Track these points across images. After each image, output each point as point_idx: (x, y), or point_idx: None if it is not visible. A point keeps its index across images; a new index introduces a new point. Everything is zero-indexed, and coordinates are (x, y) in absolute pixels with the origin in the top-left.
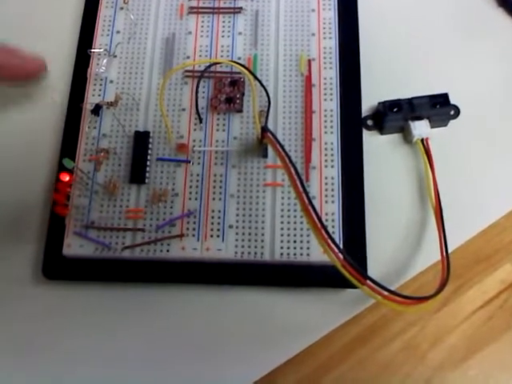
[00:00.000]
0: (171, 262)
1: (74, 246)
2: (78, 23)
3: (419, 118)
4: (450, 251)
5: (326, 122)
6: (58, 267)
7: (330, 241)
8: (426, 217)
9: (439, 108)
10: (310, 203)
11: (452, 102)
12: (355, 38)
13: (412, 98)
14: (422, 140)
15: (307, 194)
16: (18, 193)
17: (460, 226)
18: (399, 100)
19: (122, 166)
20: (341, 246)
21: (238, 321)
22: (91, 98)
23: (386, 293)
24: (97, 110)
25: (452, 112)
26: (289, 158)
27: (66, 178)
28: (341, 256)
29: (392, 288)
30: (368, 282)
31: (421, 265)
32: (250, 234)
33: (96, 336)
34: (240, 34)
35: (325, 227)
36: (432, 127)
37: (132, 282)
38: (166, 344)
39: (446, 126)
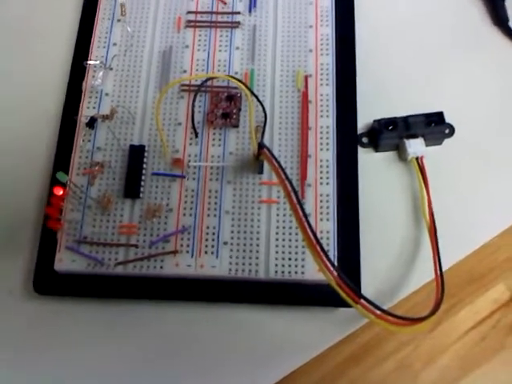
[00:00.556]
0: (165, 279)
1: (66, 261)
2: (74, 35)
3: (414, 137)
4: (443, 270)
5: (321, 138)
6: (49, 282)
7: (325, 258)
8: (420, 235)
9: (434, 126)
10: (306, 219)
11: (447, 120)
12: (352, 55)
13: (407, 117)
14: (417, 158)
15: (303, 209)
16: (10, 206)
17: (453, 244)
18: (394, 118)
19: (116, 180)
20: (335, 264)
21: (231, 339)
22: (86, 110)
23: (379, 312)
24: (92, 122)
25: (447, 131)
26: (285, 174)
27: (59, 191)
28: (335, 274)
29: (386, 307)
30: (362, 300)
31: (414, 283)
32: (244, 251)
33: (87, 353)
34: (237, 48)
35: (320, 244)
36: (427, 145)
37: (125, 299)
38: (158, 361)
39: (440, 144)
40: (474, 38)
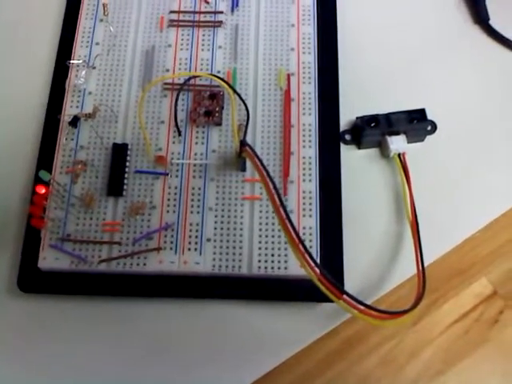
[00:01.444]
0: (148, 276)
1: (49, 259)
2: (58, 34)
3: (396, 133)
4: (426, 265)
5: (304, 136)
6: (33, 280)
7: (307, 255)
8: (403, 231)
9: (416, 123)
10: (288, 217)
11: (429, 117)
12: (334, 53)
13: (389, 114)
14: (399, 155)
15: (285, 208)
16: None
17: (436, 240)
18: (377, 115)
19: (99, 179)
20: (318, 261)
21: (214, 335)
22: (69, 109)
23: (362, 307)
24: (74, 121)
25: (429, 127)
26: (267, 172)
27: (42, 190)
28: (317, 270)
29: (368, 302)
30: (344, 296)
31: (397, 279)
32: (227, 247)
33: (71, 350)
34: (220, 47)
35: (302, 242)
36: (409, 142)
37: (108, 296)
38: (142, 358)
39: (422, 141)
40: (456, 36)
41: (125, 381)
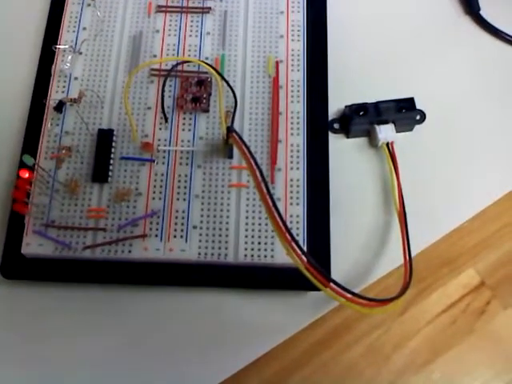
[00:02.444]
0: (133, 263)
1: (33, 245)
2: (44, 19)
3: (385, 122)
4: (414, 255)
5: (292, 124)
6: (16, 266)
7: (293, 243)
8: (390, 220)
9: (405, 112)
10: (274, 205)
11: (418, 107)
12: (323, 41)
13: (378, 102)
14: (388, 144)
15: (271, 196)
16: None
17: (424, 229)
18: (365, 104)
19: (84, 165)
20: (305, 249)
21: (200, 323)
22: (55, 94)
23: (349, 295)
24: (60, 106)
25: (418, 117)
26: (254, 159)
27: (25, 174)
28: (304, 258)
29: (356, 291)
30: (331, 284)
31: (384, 268)
32: (214, 235)
33: (54, 337)
34: (208, 34)
35: (289, 230)
36: (397, 131)
37: (93, 283)
38: (126, 346)
39: (411, 130)
40: (447, 27)
41: (108, 369)
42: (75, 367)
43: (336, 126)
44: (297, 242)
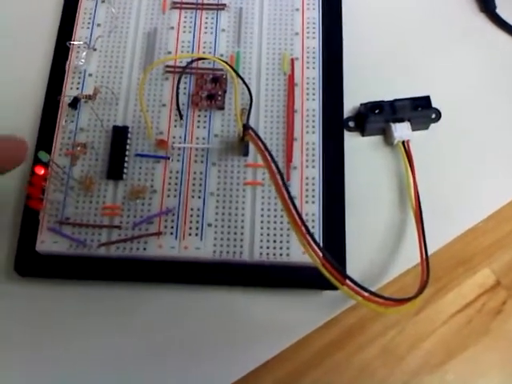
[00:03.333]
0: (148, 261)
1: (47, 242)
2: (59, 15)
3: (401, 121)
4: (429, 254)
5: (307, 121)
6: (30, 264)
7: (309, 238)
8: (406, 219)
9: (421, 111)
10: (291, 200)
11: (434, 105)
12: (339, 39)
13: (394, 100)
14: (403, 142)
15: (288, 191)
16: None
17: (440, 228)
18: (381, 102)
19: (99, 161)
20: (321, 246)
21: (214, 322)
22: (69, 90)
23: (366, 294)
24: (74, 103)
25: (433, 115)
26: (270, 155)
27: (41, 171)
28: (320, 254)
29: (371, 290)
30: (348, 282)
31: (400, 267)
32: (229, 233)
33: (68, 334)
34: (223, 30)
35: (305, 224)
36: (413, 130)
37: (107, 281)
38: (141, 344)
39: (427, 129)
40: (462, 24)
41: (123, 366)
42: (88, 365)
43: (351, 124)
44: (313, 237)
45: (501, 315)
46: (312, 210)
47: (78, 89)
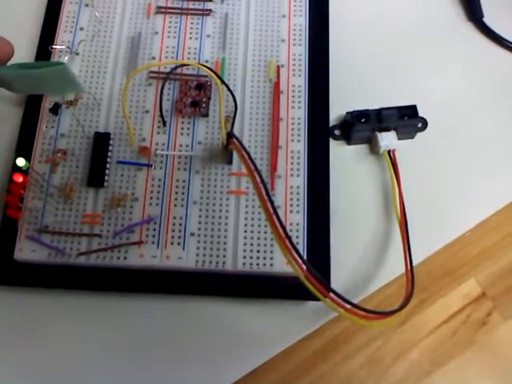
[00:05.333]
0: (129, 270)
1: (26, 251)
2: (41, 18)
3: (387, 130)
4: (415, 264)
5: (293, 129)
6: (8, 272)
7: (293, 251)
8: (391, 229)
9: (407, 120)
10: (275, 212)
11: (420, 114)
12: (325, 46)
13: (380, 109)
14: (389, 151)
15: (272, 202)
16: None
17: (425, 239)
18: (367, 110)
19: (79, 168)
20: (305, 257)
21: (196, 332)
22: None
23: (348, 306)
24: (56, 108)
25: (420, 124)
26: (254, 165)
27: (19, 178)
28: (304, 267)
29: (356, 300)
30: (331, 294)
31: (385, 277)
32: (212, 242)
33: (47, 344)
34: (208, 36)
35: (289, 237)
36: (399, 139)
37: (87, 290)
38: (122, 355)
39: (413, 138)
40: (449, 33)
41: (101, 375)
42: (68, 375)
43: (337, 132)
44: (297, 250)
45: (486, 326)
46: (296, 220)
47: None
